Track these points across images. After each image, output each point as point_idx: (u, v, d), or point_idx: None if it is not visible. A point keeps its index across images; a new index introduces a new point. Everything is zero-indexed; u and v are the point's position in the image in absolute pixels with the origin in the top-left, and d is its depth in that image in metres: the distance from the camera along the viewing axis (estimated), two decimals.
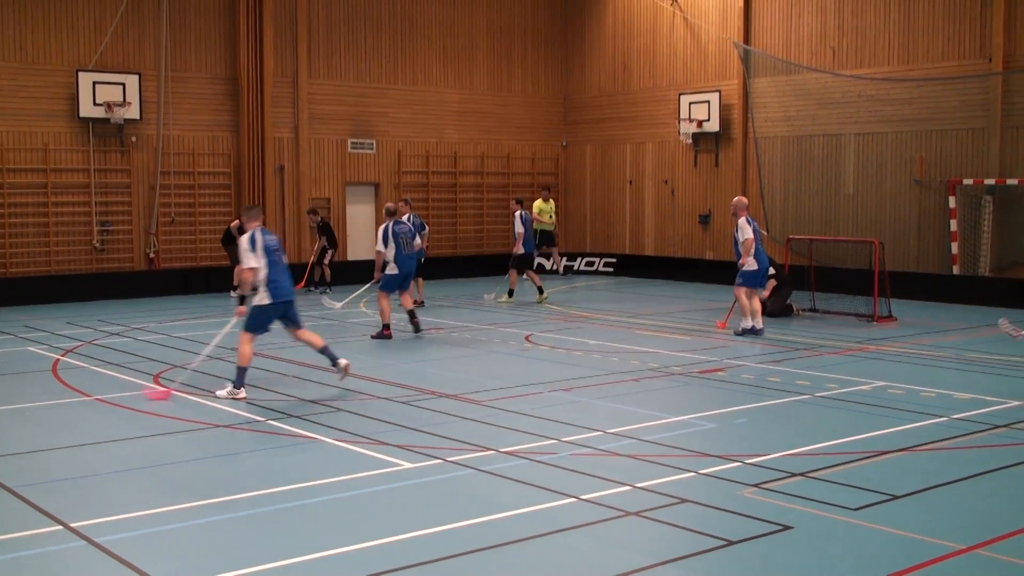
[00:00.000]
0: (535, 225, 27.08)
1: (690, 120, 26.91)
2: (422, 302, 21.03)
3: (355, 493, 8.35)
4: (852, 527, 7.43)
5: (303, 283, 23.33)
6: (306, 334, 12.63)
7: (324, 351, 12.60)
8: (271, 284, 12.03)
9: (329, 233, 24.63)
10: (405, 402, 11.78)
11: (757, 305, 16.99)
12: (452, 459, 9.26)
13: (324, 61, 26.46)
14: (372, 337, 16.86)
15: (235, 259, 22.80)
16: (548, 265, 28.62)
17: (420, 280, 21.13)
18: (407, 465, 9.09)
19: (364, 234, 27.09)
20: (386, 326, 16.85)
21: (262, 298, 12.07)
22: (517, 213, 22.25)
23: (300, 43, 25.83)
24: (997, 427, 10.55)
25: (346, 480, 8.67)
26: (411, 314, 17.17)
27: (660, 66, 28.43)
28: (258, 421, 10.86)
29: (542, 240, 27.10)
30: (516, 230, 22.02)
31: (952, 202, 22.22)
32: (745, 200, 17.34)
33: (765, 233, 23.82)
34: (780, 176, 25.80)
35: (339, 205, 26.79)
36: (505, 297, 22.24)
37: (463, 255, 28.74)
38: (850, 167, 24.41)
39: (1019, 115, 21.56)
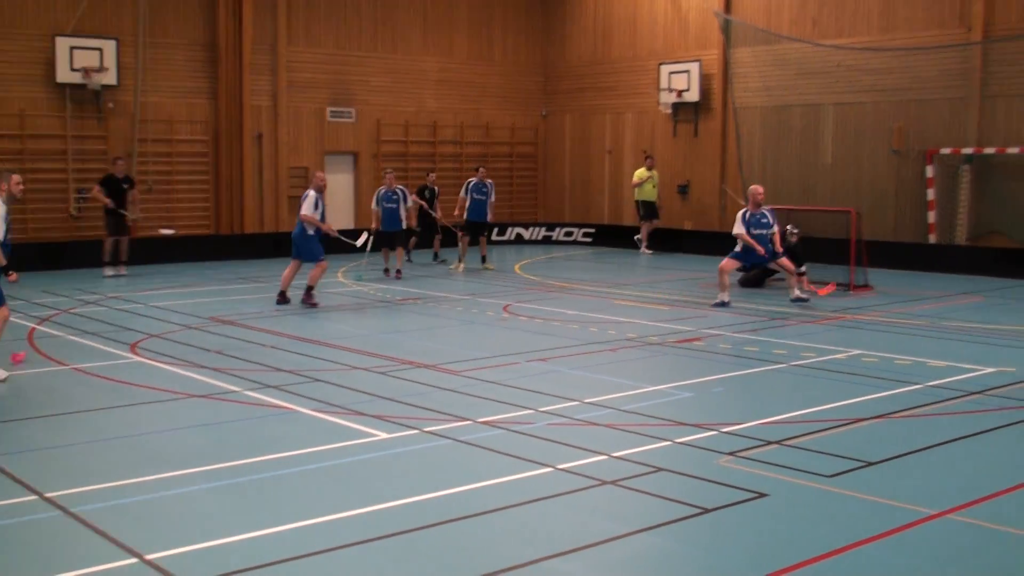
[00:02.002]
0: (636, 195, 26.72)
1: (670, 90, 26.87)
2: (399, 270, 21.04)
3: (332, 463, 8.34)
4: (827, 494, 7.48)
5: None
6: None
7: None
8: None
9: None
10: (382, 372, 11.77)
11: (727, 281, 17.08)
12: (429, 429, 9.26)
13: (303, 28, 26.26)
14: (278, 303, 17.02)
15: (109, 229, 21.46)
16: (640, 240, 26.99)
17: (400, 250, 21.17)
18: (384, 435, 9.09)
19: (343, 205, 26.98)
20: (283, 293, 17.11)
21: None
22: (489, 181, 22.65)
23: (279, 10, 25.63)
24: (971, 394, 10.63)
25: (323, 450, 8.66)
26: (308, 289, 17.01)
27: (640, 35, 28.36)
28: (234, 391, 10.83)
29: (646, 212, 26.59)
30: (490, 199, 22.49)
31: (930, 171, 22.30)
32: (754, 191, 17.50)
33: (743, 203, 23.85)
34: (759, 146, 25.80)
35: None
36: (463, 265, 22.51)
37: (441, 225, 28.62)
38: (829, 137, 24.44)
39: (997, 84, 21.62)
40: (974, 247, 21.83)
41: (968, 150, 21.75)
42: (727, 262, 17.05)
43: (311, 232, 16.97)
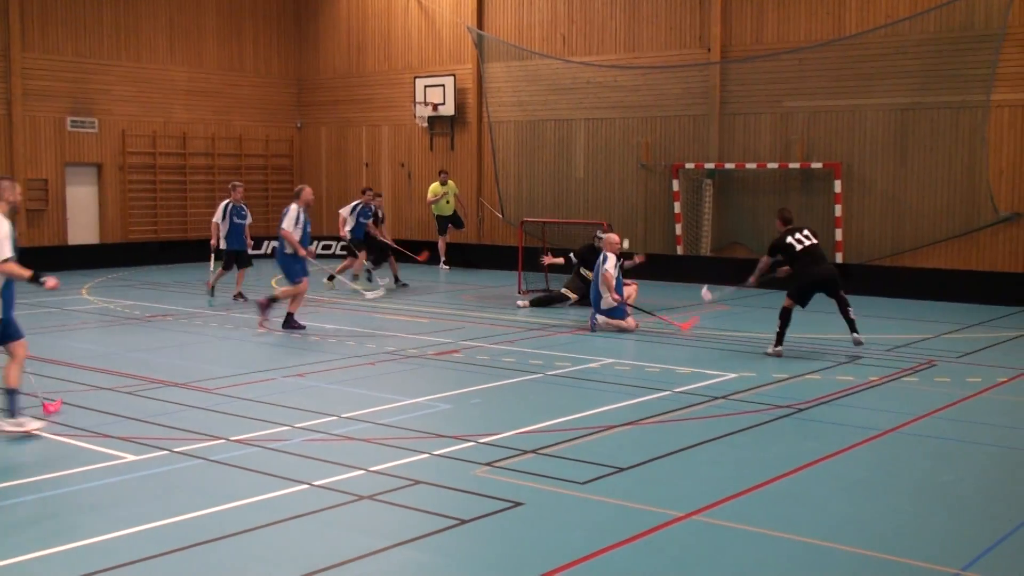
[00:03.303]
0: (434, 211, 25.65)
1: (425, 103, 27.00)
2: (241, 293, 19.32)
3: (75, 489, 7.91)
4: (581, 500, 7.62)
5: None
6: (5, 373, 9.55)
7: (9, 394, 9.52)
8: None
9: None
10: (130, 392, 11.27)
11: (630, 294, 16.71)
12: (179, 450, 8.92)
13: (39, 33, 24.95)
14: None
15: None
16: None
17: (243, 272, 19.57)
18: (131, 458, 8.70)
19: (86, 218, 25.82)
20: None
21: None
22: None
23: (12, 13, 24.25)
24: (715, 399, 11.08)
25: (65, 475, 8.20)
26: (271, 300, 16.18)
27: (395, 49, 28.39)
28: None
29: (443, 228, 25.69)
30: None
31: (676, 185, 23.23)
32: (608, 239, 16.64)
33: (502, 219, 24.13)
34: (514, 160, 26.26)
35: (58, 187, 25.37)
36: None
37: (195, 239, 27.83)
38: (580, 151, 25.11)
39: (735, 103, 22.75)
40: (718, 258, 22.85)
41: (710, 165, 22.79)
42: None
43: (290, 250, 15.81)
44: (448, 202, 25.85)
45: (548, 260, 19.48)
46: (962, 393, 11.46)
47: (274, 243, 29.17)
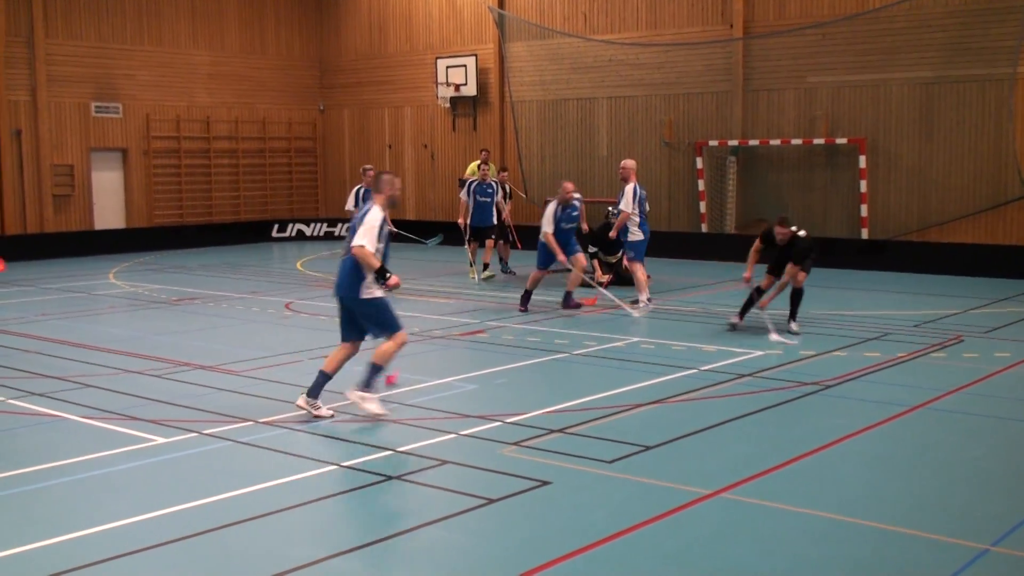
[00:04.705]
0: None
1: (447, 84, 26.97)
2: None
3: (105, 471, 7.98)
4: (607, 479, 7.63)
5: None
6: (379, 349, 9.74)
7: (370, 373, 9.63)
8: None
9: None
10: (158, 375, 11.35)
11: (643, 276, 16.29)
12: (208, 432, 8.99)
13: (63, 19, 25.06)
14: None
15: None
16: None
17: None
18: (160, 440, 8.76)
19: (112, 203, 25.97)
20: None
21: None
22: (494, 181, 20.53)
23: (35, 1, 24.36)
24: (742, 376, 11.06)
25: (95, 458, 8.27)
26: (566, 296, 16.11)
27: (416, 29, 28.36)
28: None
29: None
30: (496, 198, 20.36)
31: (699, 163, 23.15)
32: (631, 163, 16.66)
33: (523, 195, 24.12)
34: (537, 139, 26.22)
35: (84, 172, 25.51)
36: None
37: (219, 223, 27.96)
38: (603, 130, 25.05)
39: (758, 79, 22.62)
40: (743, 235, 22.74)
41: (734, 142, 22.70)
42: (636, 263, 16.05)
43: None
44: None
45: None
46: (990, 368, 11.40)
47: (299, 226, 29.37)
